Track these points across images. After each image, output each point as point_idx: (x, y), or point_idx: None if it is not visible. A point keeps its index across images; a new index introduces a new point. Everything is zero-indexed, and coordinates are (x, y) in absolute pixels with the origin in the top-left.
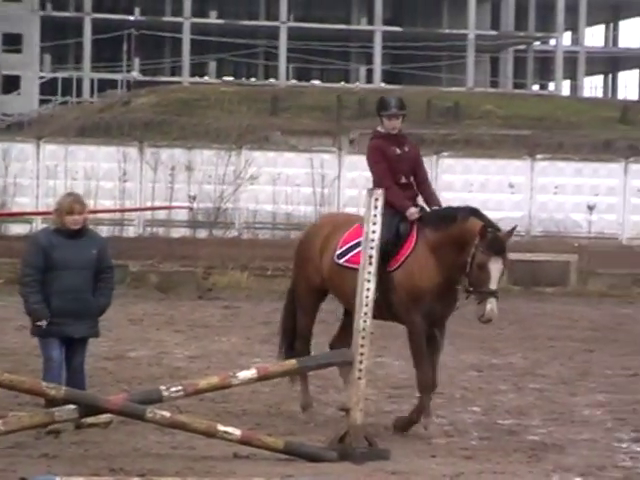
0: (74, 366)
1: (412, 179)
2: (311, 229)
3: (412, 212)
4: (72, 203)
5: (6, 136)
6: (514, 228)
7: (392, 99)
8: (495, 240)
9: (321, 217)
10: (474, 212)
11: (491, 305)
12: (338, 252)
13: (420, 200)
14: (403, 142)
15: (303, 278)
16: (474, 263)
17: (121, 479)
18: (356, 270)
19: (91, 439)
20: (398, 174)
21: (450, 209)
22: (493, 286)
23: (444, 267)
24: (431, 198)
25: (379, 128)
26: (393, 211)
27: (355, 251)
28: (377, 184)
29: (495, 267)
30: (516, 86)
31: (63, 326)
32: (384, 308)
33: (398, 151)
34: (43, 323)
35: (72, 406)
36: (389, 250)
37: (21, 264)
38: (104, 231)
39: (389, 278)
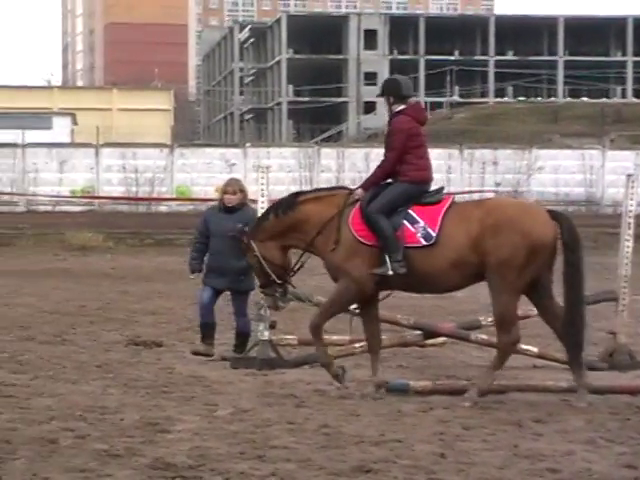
0: (235, 311)
1: None
2: None
3: None
4: (225, 186)
5: (367, 143)
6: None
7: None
8: None
9: None
10: None
11: None
12: None
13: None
14: None
15: None
16: None
17: (453, 383)
18: None
19: (431, 355)
20: None
21: None
22: None
23: None
24: None
25: None
26: None
27: None
28: None
29: None
30: None
31: (212, 279)
32: None
33: None
34: (194, 276)
35: (418, 331)
36: None
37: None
38: None
39: None
